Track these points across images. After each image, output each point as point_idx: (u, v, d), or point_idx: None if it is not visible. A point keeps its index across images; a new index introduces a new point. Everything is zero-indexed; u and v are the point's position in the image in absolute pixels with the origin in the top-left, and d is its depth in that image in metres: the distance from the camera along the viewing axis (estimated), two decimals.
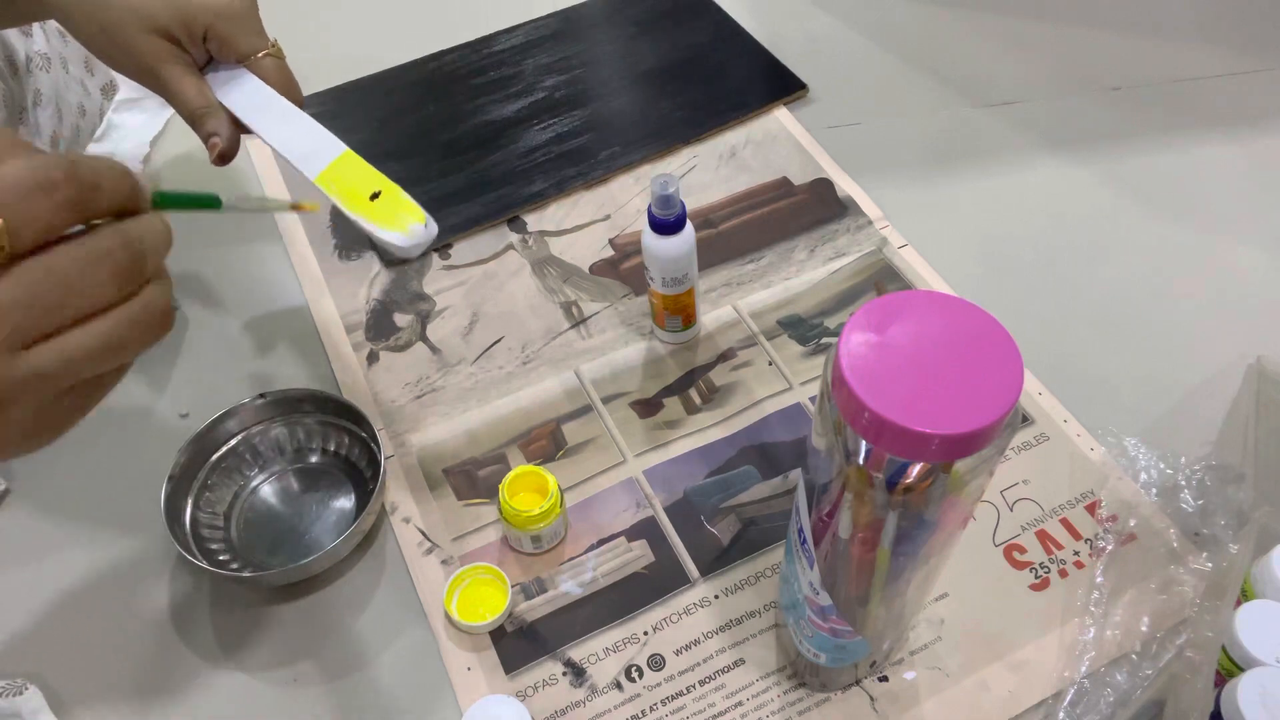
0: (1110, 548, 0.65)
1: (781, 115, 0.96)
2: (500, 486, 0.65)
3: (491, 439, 0.73)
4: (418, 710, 0.61)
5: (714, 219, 0.87)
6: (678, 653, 0.63)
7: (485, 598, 0.64)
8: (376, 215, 0.58)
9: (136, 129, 0.94)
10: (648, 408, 0.75)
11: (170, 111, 0.97)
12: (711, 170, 0.91)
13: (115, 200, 0.33)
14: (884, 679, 0.61)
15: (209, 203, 0.41)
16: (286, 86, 0.64)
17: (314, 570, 0.64)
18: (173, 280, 0.36)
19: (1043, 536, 0.67)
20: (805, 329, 0.79)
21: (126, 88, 0.94)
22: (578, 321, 0.80)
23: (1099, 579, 0.64)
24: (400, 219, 0.57)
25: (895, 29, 1.05)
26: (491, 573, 0.65)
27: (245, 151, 0.95)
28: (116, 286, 0.33)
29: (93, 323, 0.32)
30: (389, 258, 0.85)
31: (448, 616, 0.63)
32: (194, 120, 0.62)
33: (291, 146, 0.61)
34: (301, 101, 0.64)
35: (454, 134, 0.94)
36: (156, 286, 0.35)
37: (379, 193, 0.58)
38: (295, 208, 0.53)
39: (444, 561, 0.67)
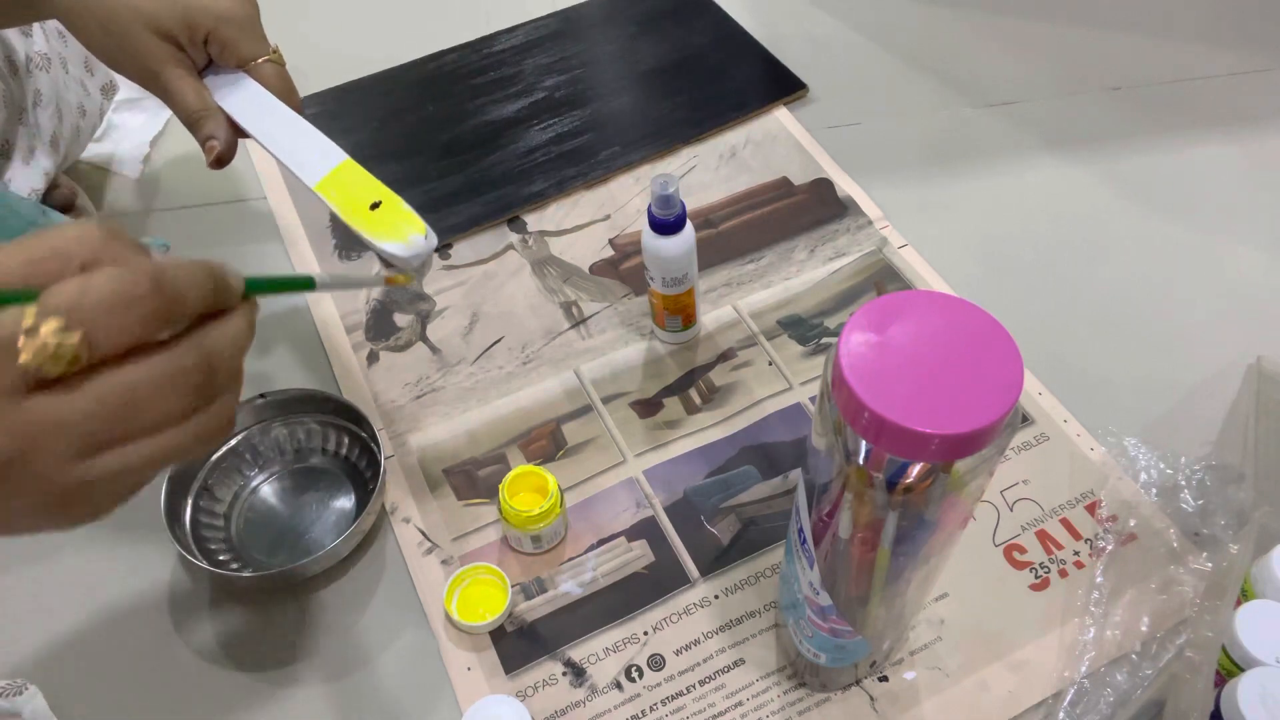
0: (1110, 548, 0.65)
1: (781, 115, 0.96)
2: (500, 487, 0.65)
3: (491, 439, 0.73)
4: (418, 710, 0.61)
5: (714, 219, 0.87)
6: (678, 653, 0.63)
7: (485, 598, 0.64)
8: (376, 226, 0.57)
9: (136, 129, 0.94)
10: (648, 408, 0.75)
11: (170, 112, 0.97)
12: (711, 170, 0.91)
13: (199, 307, 0.34)
14: (884, 679, 0.61)
15: (302, 284, 0.40)
16: (286, 93, 0.63)
17: (314, 570, 0.64)
18: (243, 381, 0.36)
19: (1043, 536, 0.67)
20: (805, 329, 0.79)
21: (126, 88, 0.94)
22: (578, 321, 0.80)
23: (1099, 579, 0.64)
24: (400, 229, 0.56)
25: (895, 29, 1.05)
26: (491, 573, 0.65)
27: (246, 154, 0.95)
28: (187, 404, 0.33)
29: (157, 437, 0.33)
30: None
31: (448, 616, 0.63)
32: (191, 123, 0.62)
33: (291, 153, 0.61)
34: (300, 108, 0.64)
35: (454, 134, 0.94)
36: (223, 400, 0.35)
37: (379, 203, 0.58)
38: (389, 281, 0.53)
39: (444, 561, 0.67)
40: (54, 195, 0.81)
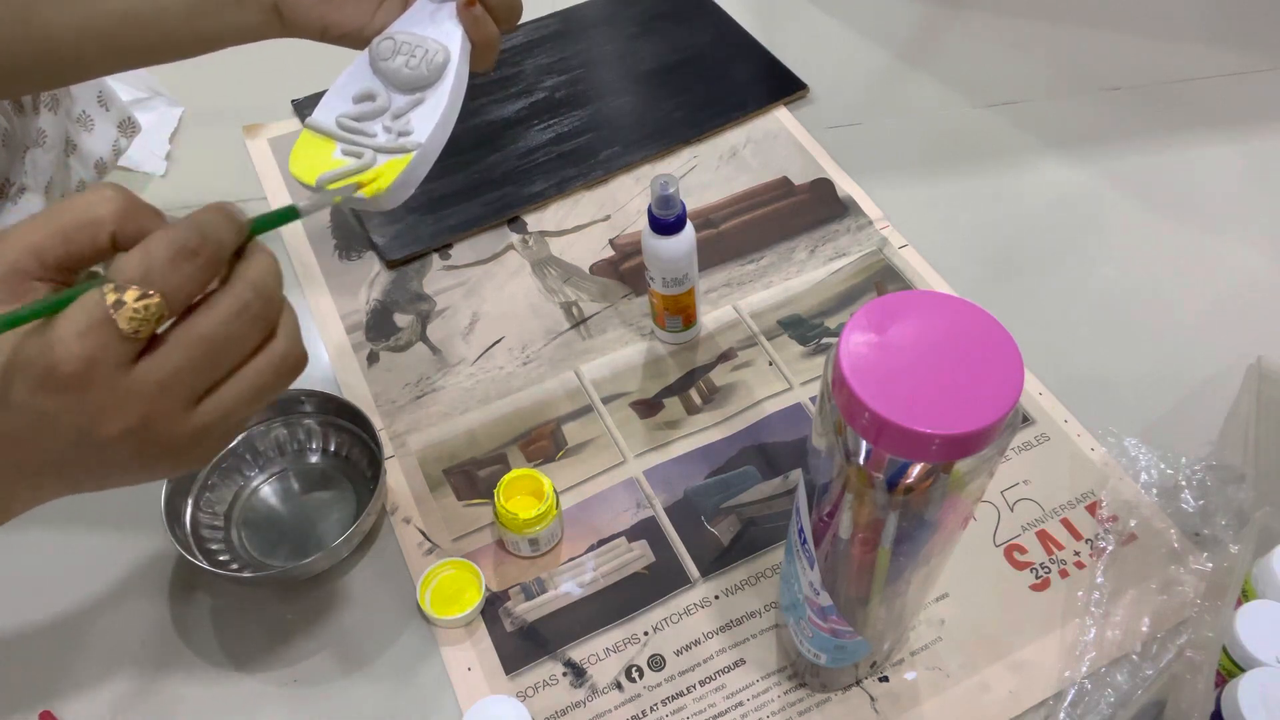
0: (1111, 548, 0.65)
1: (781, 115, 0.96)
2: (495, 491, 0.65)
3: (491, 439, 0.73)
4: (418, 710, 0.61)
5: (714, 219, 0.87)
6: (678, 653, 0.63)
7: (459, 592, 0.64)
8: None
9: (150, 129, 0.93)
10: (648, 408, 0.75)
11: (181, 108, 0.97)
12: (712, 170, 0.91)
13: (234, 246, 0.38)
14: (884, 679, 0.61)
15: (290, 215, 0.43)
16: (483, 45, 0.60)
17: (314, 570, 0.64)
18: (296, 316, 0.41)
19: (1043, 537, 0.67)
20: (805, 329, 0.79)
21: (133, 88, 0.94)
22: (578, 322, 0.80)
23: (1099, 579, 0.64)
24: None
25: (895, 29, 1.05)
26: (463, 567, 0.65)
27: (245, 155, 0.95)
28: (257, 332, 0.38)
29: (242, 372, 0.38)
30: (389, 258, 0.85)
31: (423, 613, 0.64)
32: None
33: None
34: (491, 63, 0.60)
35: (454, 134, 0.94)
36: (284, 332, 0.39)
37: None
38: (360, 185, 0.52)
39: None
40: None
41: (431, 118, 0.57)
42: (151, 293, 0.34)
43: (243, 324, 0.37)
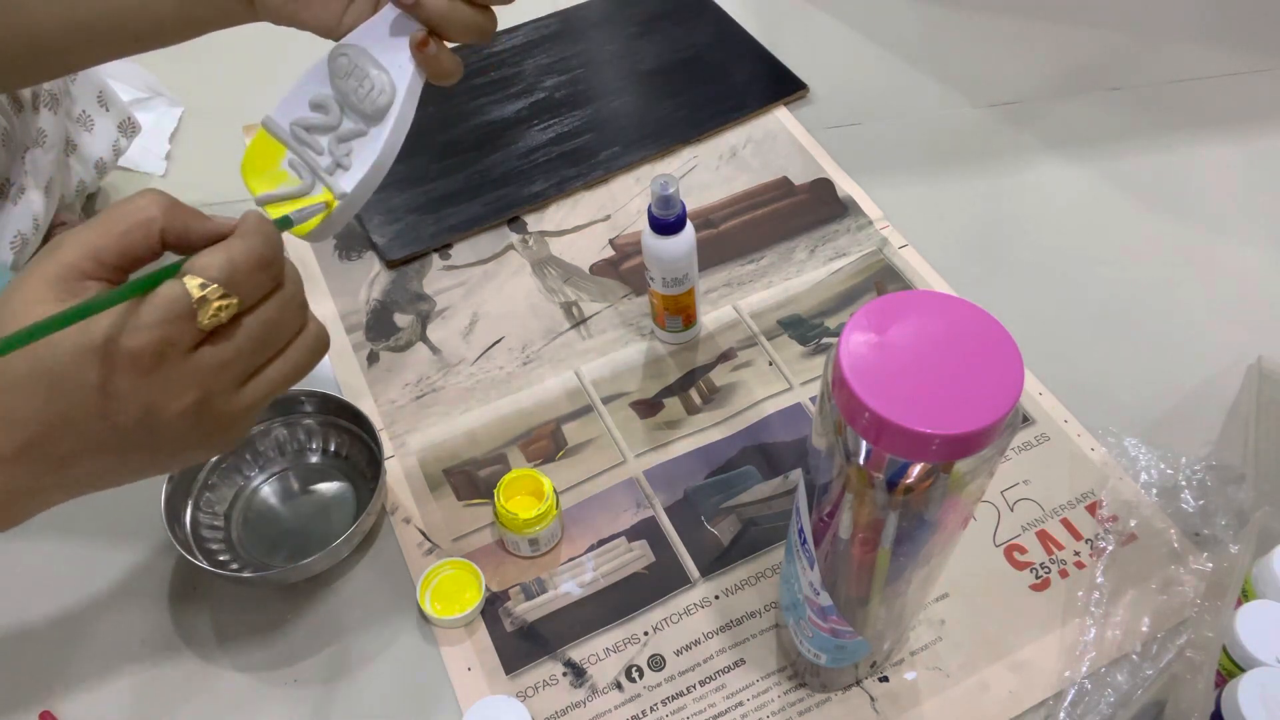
0: (1111, 548, 0.65)
1: (781, 115, 0.96)
2: (495, 491, 0.65)
3: (491, 439, 0.73)
4: (418, 710, 0.61)
5: (714, 219, 0.87)
6: (678, 653, 0.63)
7: (459, 592, 0.64)
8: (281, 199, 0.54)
9: (150, 128, 0.93)
10: (648, 408, 0.75)
11: (180, 108, 0.97)
12: (711, 170, 0.91)
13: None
14: (884, 679, 0.61)
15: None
16: (441, 78, 0.58)
17: (314, 570, 0.64)
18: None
19: (1043, 537, 0.67)
20: (805, 329, 0.79)
21: (131, 88, 0.94)
22: (578, 322, 0.80)
23: (1099, 579, 0.64)
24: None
25: (895, 29, 1.05)
26: (463, 567, 0.65)
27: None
28: (299, 319, 0.43)
29: (285, 354, 0.43)
30: (389, 258, 0.85)
31: (423, 613, 0.64)
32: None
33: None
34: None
35: (454, 134, 0.94)
36: (312, 315, 0.44)
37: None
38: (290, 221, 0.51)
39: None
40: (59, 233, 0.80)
41: (363, 165, 0.54)
42: (233, 295, 0.39)
43: (291, 312, 0.42)
